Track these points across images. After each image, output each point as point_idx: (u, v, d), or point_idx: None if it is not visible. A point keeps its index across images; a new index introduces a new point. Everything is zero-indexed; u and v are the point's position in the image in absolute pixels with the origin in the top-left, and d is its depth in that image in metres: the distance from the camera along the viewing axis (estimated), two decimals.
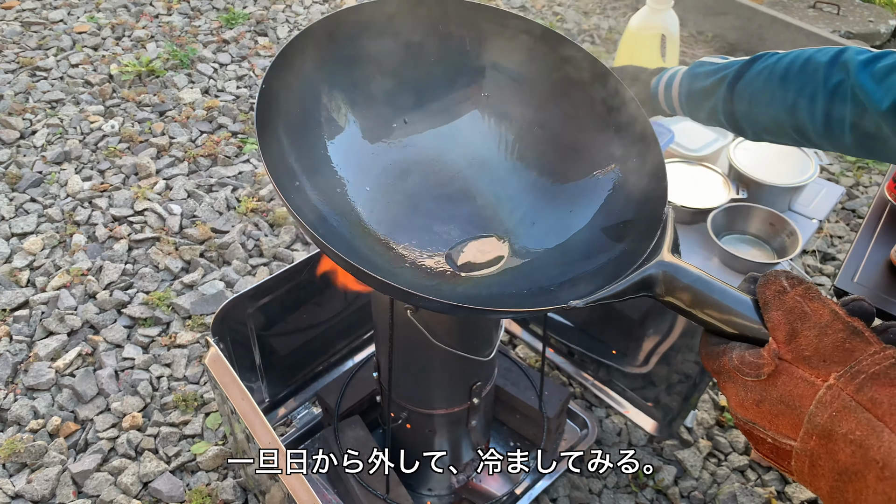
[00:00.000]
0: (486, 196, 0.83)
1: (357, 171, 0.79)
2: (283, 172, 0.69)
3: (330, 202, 0.75)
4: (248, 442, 0.99)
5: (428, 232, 0.79)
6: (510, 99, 0.83)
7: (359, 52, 0.78)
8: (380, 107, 0.81)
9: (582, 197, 0.78)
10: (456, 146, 0.84)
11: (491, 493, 1.27)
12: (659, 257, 0.58)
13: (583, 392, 1.54)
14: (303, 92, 0.75)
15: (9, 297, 1.68)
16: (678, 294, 0.55)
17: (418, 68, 0.81)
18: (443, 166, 0.83)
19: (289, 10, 2.90)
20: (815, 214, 1.32)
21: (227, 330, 1.13)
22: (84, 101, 2.32)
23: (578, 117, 0.80)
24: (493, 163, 0.84)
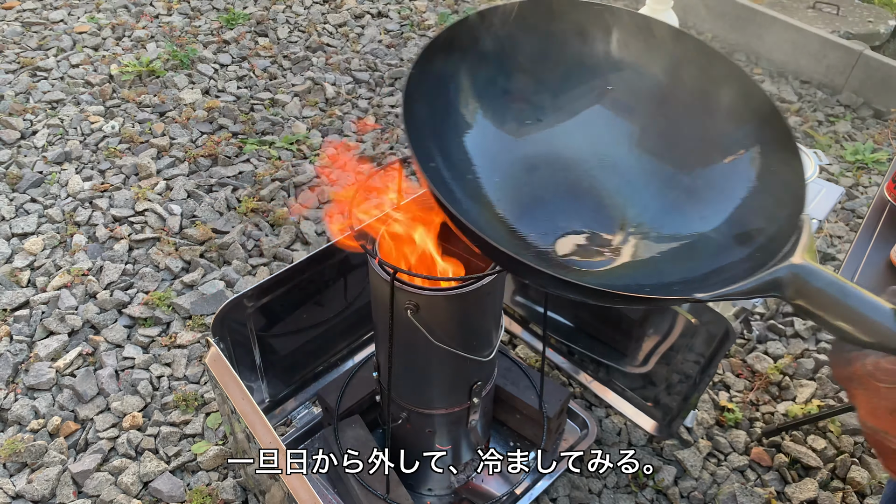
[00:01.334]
0: (612, 196, 0.83)
1: (488, 161, 0.81)
2: (421, 150, 0.71)
3: (461, 186, 0.77)
4: (249, 442, 1.00)
5: (552, 225, 0.80)
6: (634, 92, 0.83)
7: (500, 49, 0.80)
8: (515, 103, 0.83)
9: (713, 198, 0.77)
10: (584, 142, 0.84)
11: (491, 493, 1.27)
12: (790, 260, 0.56)
13: (583, 392, 1.55)
14: (446, 83, 0.77)
15: (9, 297, 1.69)
16: (810, 298, 0.53)
17: (551, 67, 0.83)
18: (570, 163, 0.84)
19: (289, 11, 2.90)
20: (815, 214, 1.32)
21: (227, 330, 1.13)
22: (84, 102, 2.33)
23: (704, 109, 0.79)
24: (621, 161, 0.83)
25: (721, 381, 1.61)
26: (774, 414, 1.54)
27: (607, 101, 0.83)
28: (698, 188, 0.78)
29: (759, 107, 0.74)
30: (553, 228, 0.80)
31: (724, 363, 1.64)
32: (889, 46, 2.92)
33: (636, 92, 0.82)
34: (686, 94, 0.80)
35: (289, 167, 2.12)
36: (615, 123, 0.83)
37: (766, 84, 2.67)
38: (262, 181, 2.06)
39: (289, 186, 2.05)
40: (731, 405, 1.54)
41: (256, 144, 2.20)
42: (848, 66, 2.57)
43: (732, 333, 1.14)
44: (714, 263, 0.70)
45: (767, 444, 1.48)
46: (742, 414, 1.53)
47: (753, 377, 1.62)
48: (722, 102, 0.78)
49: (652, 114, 0.82)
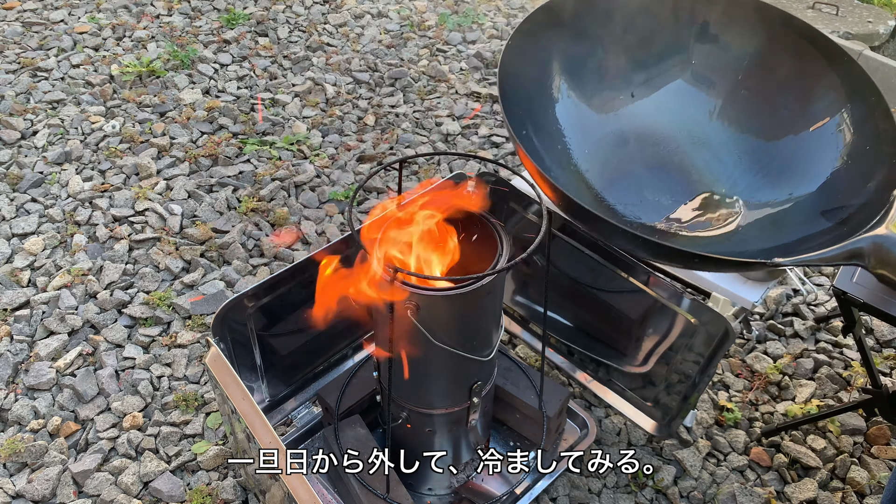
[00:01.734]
0: (701, 172, 0.84)
1: (579, 133, 0.82)
2: (515, 119, 0.72)
3: (552, 154, 0.78)
4: (249, 441, 1.00)
5: (639, 197, 0.82)
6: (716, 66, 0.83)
7: (595, 25, 0.81)
8: (607, 79, 0.84)
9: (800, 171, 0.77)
10: (674, 119, 0.85)
11: (491, 492, 1.27)
12: (876, 231, 0.58)
13: (582, 392, 1.55)
14: (542, 55, 0.78)
15: (10, 296, 1.69)
16: (892, 267, 0.55)
17: (643, 44, 0.83)
18: (661, 139, 0.84)
19: (289, 11, 2.91)
20: None
21: (227, 330, 1.13)
22: (85, 102, 2.33)
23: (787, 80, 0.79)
24: (709, 136, 0.84)
25: (720, 380, 1.61)
26: (774, 414, 1.54)
27: (689, 76, 0.83)
28: (785, 158, 0.78)
29: (844, 71, 0.73)
30: (640, 200, 0.81)
31: (723, 363, 1.64)
32: (888, 46, 2.92)
33: (718, 65, 0.82)
34: (767, 65, 0.80)
35: (289, 167, 2.12)
36: (699, 97, 0.84)
37: None
38: (262, 181, 2.06)
39: (289, 186, 2.05)
40: (730, 405, 1.54)
41: (257, 144, 2.20)
42: None
43: (732, 333, 1.14)
44: (799, 233, 0.71)
45: (767, 444, 1.48)
46: (741, 414, 1.53)
47: (753, 377, 1.62)
48: (804, 70, 0.77)
49: (734, 86, 0.82)
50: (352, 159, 2.18)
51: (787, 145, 0.78)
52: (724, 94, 0.82)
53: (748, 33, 0.80)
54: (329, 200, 2.04)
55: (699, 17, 0.82)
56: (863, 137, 0.71)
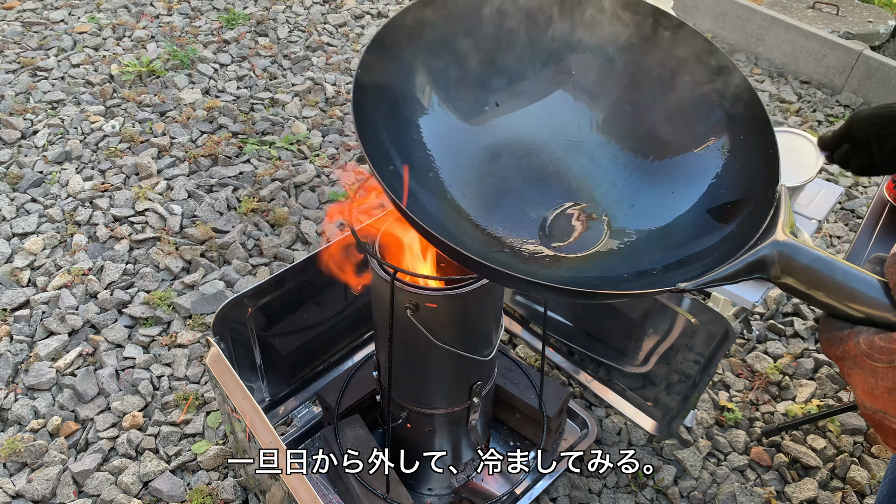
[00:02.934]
0: (580, 178, 0.80)
1: (449, 154, 0.78)
2: (379, 155, 0.68)
3: (423, 185, 0.74)
4: (249, 441, 1.00)
5: (521, 215, 0.78)
6: (598, 77, 0.80)
7: (450, 35, 0.77)
8: (471, 90, 0.80)
9: (683, 176, 0.74)
10: (546, 127, 0.81)
11: (491, 492, 1.27)
12: (773, 237, 0.55)
13: (582, 391, 1.55)
14: (397, 77, 0.74)
15: (10, 296, 1.69)
16: (796, 276, 0.52)
17: (508, 50, 0.79)
18: (534, 148, 0.81)
19: (289, 11, 2.91)
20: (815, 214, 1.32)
21: (227, 330, 1.13)
22: (85, 102, 2.33)
23: (673, 93, 0.76)
24: (585, 142, 0.81)
25: (721, 380, 1.61)
26: (774, 414, 1.54)
27: (570, 86, 0.80)
28: (668, 172, 0.76)
29: (732, 87, 0.72)
30: (522, 219, 0.77)
31: (723, 363, 1.64)
32: (889, 46, 2.92)
33: (601, 77, 0.79)
34: (655, 78, 0.77)
35: (289, 167, 2.12)
36: (579, 109, 0.81)
37: (766, 84, 2.67)
38: (262, 181, 2.06)
39: (289, 186, 2.05)
40: (730, 405, 1.54)
41: (257, 144, 2.20)
42: (847, 66, 2.58)
43: (732, 333, 1.14)
44: (692, 247, 0.68)
45: (767, 444, 1.48)
46: (742, 414, 1.53)
47: (753, 377, 1.62)
48: (693, 86, 0.74)
49: (618, 100, 0.79)
50: (352, 159, 2.18)
51: (671, 162, 0.76)
52: (606, 108, 0.79)
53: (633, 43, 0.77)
54: (329, 200, 2.04)
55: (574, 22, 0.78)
56: (746, 143, 0.70)
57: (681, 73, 0.76)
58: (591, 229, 0.77)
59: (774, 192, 0.62)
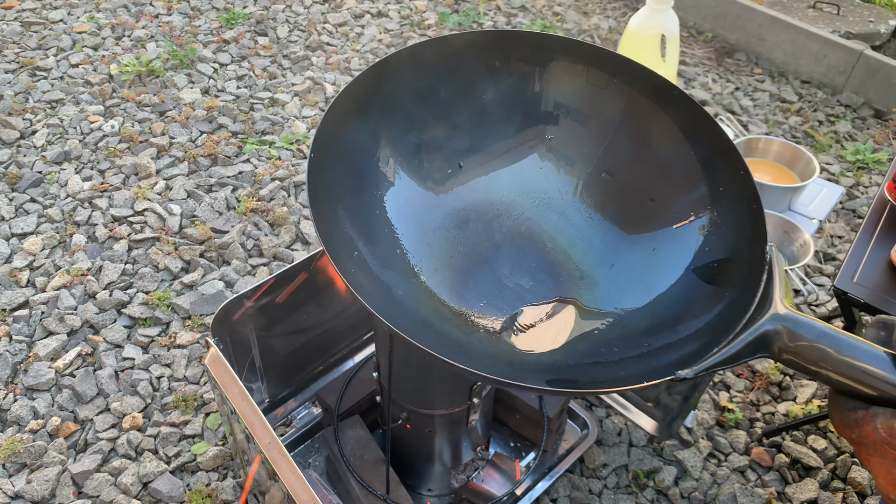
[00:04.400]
0: (553, 237, 0.76)
1: (415, 226, 0.73)
2: (339, 245, 0.63)
3: (391, 265, 0.69)
4: (248, 442, 0.99)
5: (498, 286, 0.73)
6: (575, 142, 0.75)
7: (407, 100, 0.72)
8: (433, 154, 0.75)
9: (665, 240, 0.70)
10: (517, 188, 0.77)
11: (491, 493, 1.27)
12: (772, 310, 0.51)
13: None
14: (352, 152, 0.69)
15: (9, 297, 1.68)
16: (801, 353, 0.48)
17: (472, 111, 0.75)
18: (504, 209, 0.76)
19: (289, 10, 2.90)
20: (815, 214, 1.32)
21: (226, 330, 1.13)
22: (84, 101, 2.32)
23: (653, 160, 0.72)
24: (559, 204, 0.76)
25: (721, 381, 1.60)
26: (775, 414, 1.54)
27: (543, 150, 0.76)
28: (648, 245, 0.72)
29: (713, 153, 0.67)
30: (500, 289, 0.72)
31: None
32: (889, 46, 2.92)
33: (576, 142, 0.74)
34: (634, 146, 0.73)
35: (289, 167, 2.12)
36: (551, 172, 0.76)
37: (767, 83, 2.67)
38: (261, 181, 2.06)
39: (289, 186, 2.05)
40: (731, 405, 1.54)
41: (256, 144, 2.20)
42: (848, 66, 2.57)
43: None
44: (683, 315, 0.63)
45: (768, 445, 1.48)
46: (742, 414, 1.53)
47: (754, 377, 1.62)
48: (674, 156, 0.70)
49: (595, 168, 0.75)
50: None
51: (648, 237, 0.71)
52: (583, 176, 0.74)
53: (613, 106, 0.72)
54: None
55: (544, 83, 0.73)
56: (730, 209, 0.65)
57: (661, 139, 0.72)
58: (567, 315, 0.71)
59: (764, 251, 0.58)
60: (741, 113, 2.50)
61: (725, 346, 0.51)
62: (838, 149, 2.35)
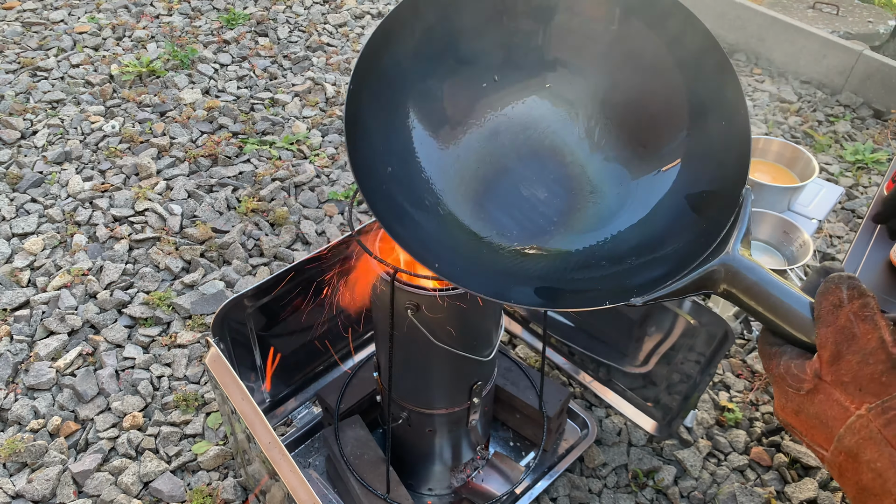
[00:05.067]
0: (574, 151, 0.81)
1: (447, 140, 0.78)
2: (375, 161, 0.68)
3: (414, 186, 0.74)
4: (249, 442, 1.00)
5: (516, 196, 0.78)
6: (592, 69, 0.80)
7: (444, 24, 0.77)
8: (468, 68, 0.80)
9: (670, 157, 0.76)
10: (545, 105, 0.82)
11: (491, 492, 1.27)
12: (725, 251, 0.56)
13: (583, 392, 1.55)
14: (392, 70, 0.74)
15: (9, 296, 1.69)
16: (739, 291, 0.54)
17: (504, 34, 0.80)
18: (531, 122, 0.81)
19: (289, 11, 2.90)
20: (815, 214, 1.32)
21: (227, 330, 1.13)
22: (85, 102, 2.33)
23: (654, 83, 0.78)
24: (581, 122, 0.82)
25: (721, 381, 1.61)
26: (774, 414, 1.54)
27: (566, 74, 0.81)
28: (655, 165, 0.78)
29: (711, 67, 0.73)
30: (516, 200, 0.78)
31: (724, 363, 1.64)
32: (889, 46, 2.92)
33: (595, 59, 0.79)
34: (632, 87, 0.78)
35: (289, 167, 2.12)
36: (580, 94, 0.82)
37: (767, 84, 2.67)
38: (262, 181, 2.06)
39: (289, 186, 2.05)
40: (731, 405, 1.54)
41: (257, 144, 2.20)
42: (848, 66, 2.58)
43: (731, 335, 1.14)
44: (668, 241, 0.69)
45: (767, 444, 1.48)
46: (742, 414, 1.53)
47: (753, 377, 1.62)
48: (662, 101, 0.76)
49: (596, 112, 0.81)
50: None
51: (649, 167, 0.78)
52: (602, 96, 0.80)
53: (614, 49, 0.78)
54: (329, 200, 2.04)
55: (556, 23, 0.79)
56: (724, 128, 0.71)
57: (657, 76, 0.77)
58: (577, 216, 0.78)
59: (740, 193, 0.62)
60: None
61: (676, 280, 0.56)
62: (838, 149, 2.36)
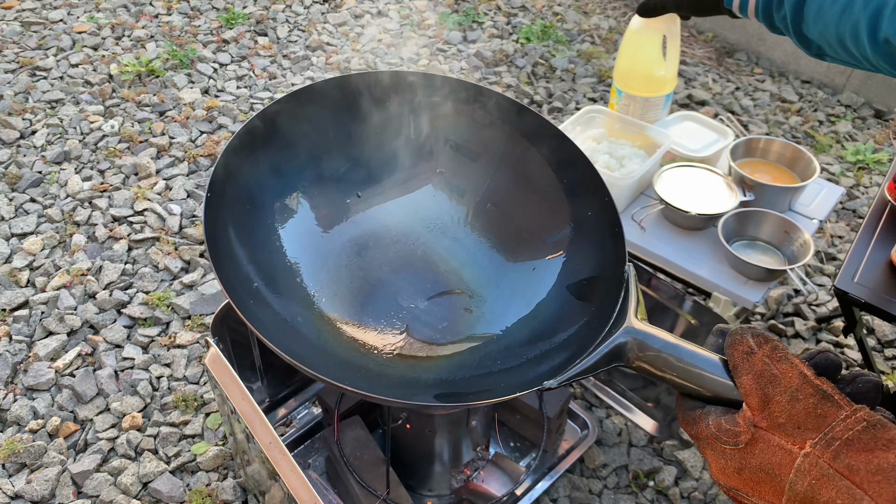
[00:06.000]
0: (447, 259, 0.83)
1: (315, 254, 0.78)
2: (238, 282, 0.67)
3: (290, 299, 0.74)
4: (248, 442, 0.99)
5: (395, 307, 0.79)
6: (465, 174, 0.83)
7: (303, 136, 0.77)
8: (331, 185, 0.80)
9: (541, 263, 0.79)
10: (412, 216, 0.83)
11: (491, 493, 1.27)
12: (626, 324, 0.57)
13: (583, 392, 1.54)
14: (251, 187, 0.73)
15: (8, 297, 1.68)
16: (649, 361, 0.54)
17: (367, 145, 0.81)
18: (401, 235, 0.83)
19: (289, 10, 2.90)
20: (816, 214, 1.32)
21: (226, 330, 1.13)
22: (84, 101, 2.32)
23: (529, 190, 0.80)
24: (451, 230, 0.84)
25: None
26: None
27: (436, 182, 0.83)
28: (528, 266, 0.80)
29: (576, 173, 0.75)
30: (396, 310, 0.79)
31: None
32: None
33: (466, 174, 0.82)
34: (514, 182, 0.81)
35: None
36: (445, 203, 0.84)
37: (767, 83, 2.67)
38: None
39: None
40: None
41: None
42: None
43: None
44: (559, 329, 0.70)
45: None
46: None
47: None
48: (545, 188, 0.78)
49: (482, 198, 0.83)
50: None
51: (527, 265, 0.80)
52: (471, 205, 0.82)
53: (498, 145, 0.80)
54: None
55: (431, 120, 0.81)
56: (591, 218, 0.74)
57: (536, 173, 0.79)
58: (461, 319, 0.79)
59: (623, 271, 0.65)
60: (741, 113, 2.50)
61: (586, 357, 0.56)
62: (838, 149, 2.35)
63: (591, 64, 2.70)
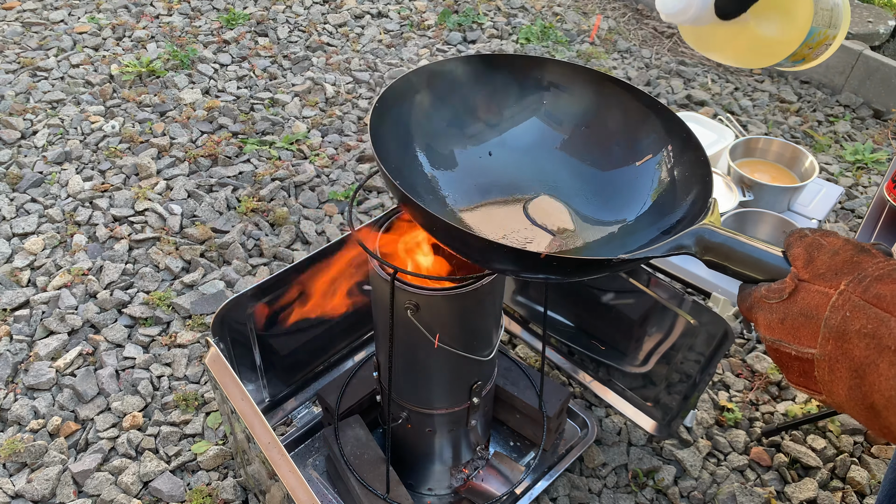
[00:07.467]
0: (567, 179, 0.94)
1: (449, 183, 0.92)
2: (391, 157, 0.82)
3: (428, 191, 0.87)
4: (248, 442, 1.00)
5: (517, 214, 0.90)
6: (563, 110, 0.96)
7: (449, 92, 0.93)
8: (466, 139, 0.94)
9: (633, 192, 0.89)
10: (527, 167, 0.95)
11: (491, 492, 1.27)
12: (699, 223, 0.66)
13: (582, 392, 1.55)
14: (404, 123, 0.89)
15: (9, 296, 1.69)
16: (714, 251, 0.63)
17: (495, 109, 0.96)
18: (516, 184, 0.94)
19: (289, 11, 2.91)
20: (815, 214, 1.32)
21: (227, 330, 1.13)
22: (85, 102, 2.33)
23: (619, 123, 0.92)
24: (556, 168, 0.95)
25: (721, 380, 1.61)
26: (774, 414, 1.54)
27: (541, 114, 0.97)
28: (618, 185, 0.91)
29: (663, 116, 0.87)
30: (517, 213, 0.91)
31: (723, 363, 1.64)
32: (889, 46, 2.92)
33: (564, 109, 0.96)
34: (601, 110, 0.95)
35: (289, 167, 2.12)
36: (548, 132, 0.96)
37: (766, 84, 2.67)
38: (262, 181, 2.06)
39: (289, 186, 2.05)
40: (730, 405, 1.54)
41: (256, 144, 2.20)
42: (847, 66, 2.58)
43: (731, 335, 1.14)
44: (638, 243, 0.81)
45: (767, 444, 1.48)
46: (742, 414, 1.53)
47: (753, 377, 1.62)
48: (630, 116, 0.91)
49: (577, 125, 0.95)
50: (351, 159, 2.18)
51: (618, 174, 0.91)
52: (568, 131, 0.95)
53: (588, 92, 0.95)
54: (329, 200, 2.04)
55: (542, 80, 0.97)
56: (681, 165, 0.85)
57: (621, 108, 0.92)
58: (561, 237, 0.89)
59: (706, 203, 0.74)
60: (741, 113, 2.50)
61: (658, 245, 0.66)
62: (837, 149, 2.36)
63: (591, 64, 2.70)
